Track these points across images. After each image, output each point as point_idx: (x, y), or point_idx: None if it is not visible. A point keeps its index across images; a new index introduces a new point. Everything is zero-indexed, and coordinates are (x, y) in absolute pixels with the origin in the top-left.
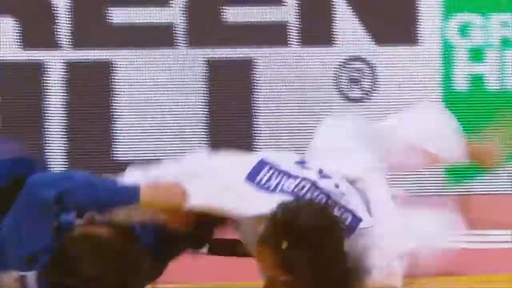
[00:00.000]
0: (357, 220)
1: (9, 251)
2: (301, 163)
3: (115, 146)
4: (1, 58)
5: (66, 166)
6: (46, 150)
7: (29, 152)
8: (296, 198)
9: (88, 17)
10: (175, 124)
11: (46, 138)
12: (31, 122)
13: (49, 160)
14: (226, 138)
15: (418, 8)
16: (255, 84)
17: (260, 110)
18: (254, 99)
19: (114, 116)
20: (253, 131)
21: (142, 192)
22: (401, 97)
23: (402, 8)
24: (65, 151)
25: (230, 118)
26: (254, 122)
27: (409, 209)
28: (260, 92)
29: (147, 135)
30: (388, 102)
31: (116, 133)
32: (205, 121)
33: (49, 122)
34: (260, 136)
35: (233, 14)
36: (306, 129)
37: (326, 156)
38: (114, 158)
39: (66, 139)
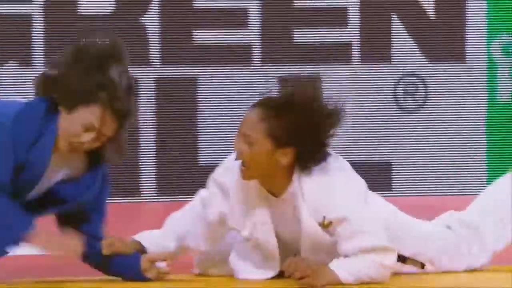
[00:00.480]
0: None
1: None
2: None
3: (200, 152)
4: None
5: (156, 171)
6: (139, 157)
7: (124, 159)
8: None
9: (176, 37)
10: None
11: (139, 145)
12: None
13: (141, 165)
14: None
15: (466, 29)
16: (324, 93)
17: None
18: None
19: (199, 126)
20: None
21: (33, 236)
22: (450, 108)
23: (451, 29)
24: (156, 157)
25: None
26: None
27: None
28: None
29: (228, 142)
30: (439, 112)
31: (201, 141)
32: None
33: (141, 130)
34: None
35: (302, 35)
36: (366, 137)
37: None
38: (199, 164)
39: (156, 147)
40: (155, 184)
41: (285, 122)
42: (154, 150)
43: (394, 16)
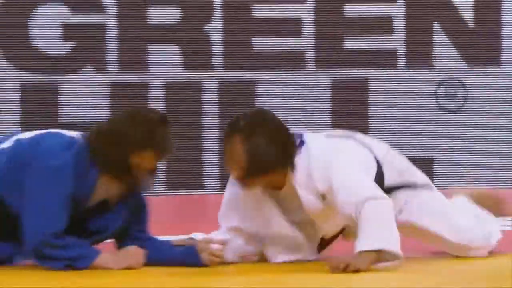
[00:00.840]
0: None
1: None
2: None
3: None
4: (168, 79)
5: (221, 171)
6: (203, 157)
7: (188, 159)
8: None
9: (237, 44)
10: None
11: (203, 145)
12: (192, 130)
13: (205, 166)
14: None
15: (502, 36)
16: (370, 98)
17: (375, 121)
18: (370, 111)
19: None
20: (368, 132)
21: (97, 259)
22: (487, 108)
23: (488, 36)
24: (219, 157)
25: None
26: (370, 127)
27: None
28: (375, 105)
29: None
30: (477, 113)
31: None
32: (330, 127)
33: (206, 128)
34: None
35: (352, 42)
36: (410, 135)
37: None
38: None
39: (219, 144)
40: (218, 178)
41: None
42: (217, 147)
43: (435, 24)
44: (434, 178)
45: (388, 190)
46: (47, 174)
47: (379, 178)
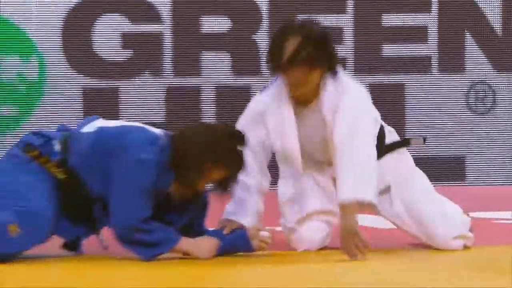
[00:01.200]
0: None
1: None
2: None
3: None
4: (218, 83)
5: None
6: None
7: None
8: None
9: None
10: None
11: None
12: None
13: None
14: None
15: None
16: (406, 101)
17: (411, 122)
18: (406, 113)
19: None
20: (404, 133)
21: (177, 245)
22: None
23: None
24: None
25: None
26: (406, 128)
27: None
28: (410, 108)
29: None
30: (505, 115)
31: None
32: None
33: None
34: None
35: (389, 50)
36: (443, 135)
37: None
38: None
39: None
40: None
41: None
42: None
43: (467, 32)
44: (466, 176)
45: (383, 152)
46: (137, 166)
47: (381, 136)
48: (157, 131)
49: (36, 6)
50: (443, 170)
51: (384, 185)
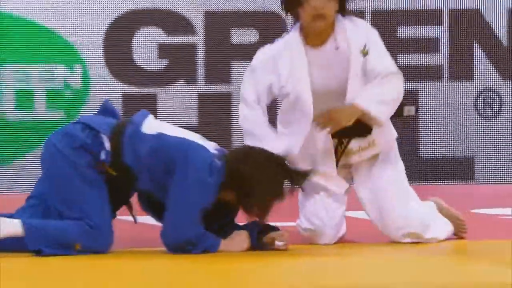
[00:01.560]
0: None
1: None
2: None
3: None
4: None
5: None
6: None
7: None
8: None
9: None
10: None
11: None
12: None
13: None
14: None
15: None
16: (419, 107)
17: (423, 125)
18: (419, 118)
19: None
20: (418, 135)
21: (221, 246)
22: None
23: None
24: None
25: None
26: (419, 130)
27: None
28: (423, 113)
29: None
30: (511, 119)
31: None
32: None
33: None
34: (425, 142)
35: (404, 59)
36: (453, 138)
37: None
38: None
39: None
40: None
41: None
42: None
43: (475, 44)
44: (475, 175)
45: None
46: (200, 187)
47: None
48: (211, 147)
49: (80, 20)
50: (454, 169)
51: (374, 152)
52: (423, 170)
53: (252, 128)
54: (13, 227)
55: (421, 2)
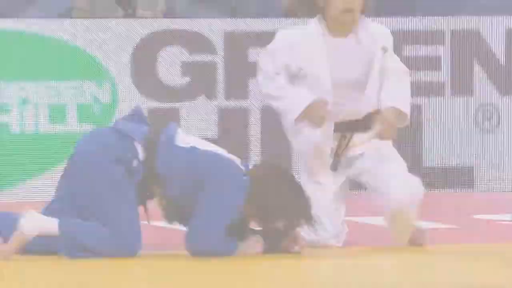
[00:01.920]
0: None
1: None
2: None
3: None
4: (264, 105)
5: None
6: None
7: None
8: None
9: None
10: None
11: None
12: (283, 149)
13: None
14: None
15: None
16: (423, 120)
17: (427, 138)
18: (423, 131)
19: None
20: (422, 147)
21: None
22: None
23: None
24: None
25: (405, 142)
26: (423, 143)
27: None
28: (427, 126)
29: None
30: (509, 131)
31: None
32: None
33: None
34: (428, 152)
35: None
36: (454, 149)
37: None
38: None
39: None
40: None
41: None
42: None
43: (475, 61)
44: (474, 184)
45: None
46: (231, 199)
47: None
48: (237, 161)
49: (109, 39)
50: (455, 178)
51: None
52: (426, 178)
53: (279, 92)
54: (51, 225)
55: (425, 23)
